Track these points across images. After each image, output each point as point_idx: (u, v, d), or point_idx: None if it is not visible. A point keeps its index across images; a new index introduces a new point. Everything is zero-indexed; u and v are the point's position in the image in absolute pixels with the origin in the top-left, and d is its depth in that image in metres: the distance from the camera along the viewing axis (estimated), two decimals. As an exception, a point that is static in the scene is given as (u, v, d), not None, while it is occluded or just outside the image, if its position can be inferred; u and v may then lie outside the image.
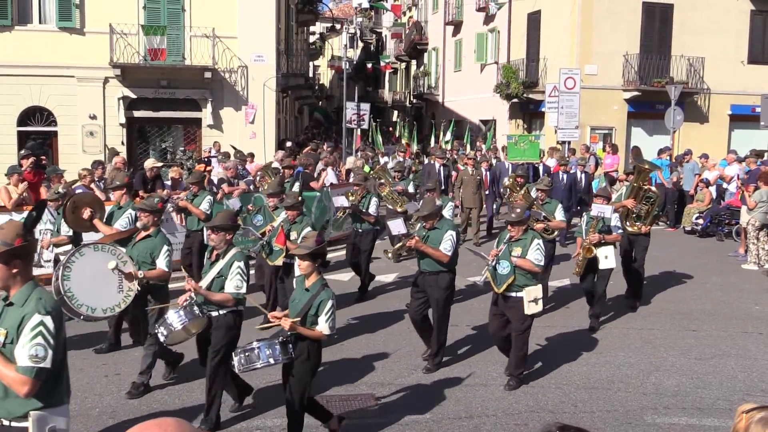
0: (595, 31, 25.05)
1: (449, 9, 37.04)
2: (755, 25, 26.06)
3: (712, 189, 18.81)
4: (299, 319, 6.19)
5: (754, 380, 8.37)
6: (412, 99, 46.99)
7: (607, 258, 9.93)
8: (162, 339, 6.84)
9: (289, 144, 24.00)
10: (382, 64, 50.80)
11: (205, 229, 10.86)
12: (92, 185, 13.41)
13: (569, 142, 21.43)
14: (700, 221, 18.03)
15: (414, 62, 47.08)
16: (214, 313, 6.88)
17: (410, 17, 48.29)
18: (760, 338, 9.98)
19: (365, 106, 24.70)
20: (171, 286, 8.28)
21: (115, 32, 21.03)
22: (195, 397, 7.64)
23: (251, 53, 22.44)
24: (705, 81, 25.64)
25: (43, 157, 15.15)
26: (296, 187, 13.10)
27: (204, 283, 6.88)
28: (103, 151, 21.41)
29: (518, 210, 8.04)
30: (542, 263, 7.91)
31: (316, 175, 17.03)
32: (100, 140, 21.87)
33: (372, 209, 11.74)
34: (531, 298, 7.77)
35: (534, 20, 27.98)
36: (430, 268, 8.47)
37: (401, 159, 20.04)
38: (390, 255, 9.53)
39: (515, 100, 28.67)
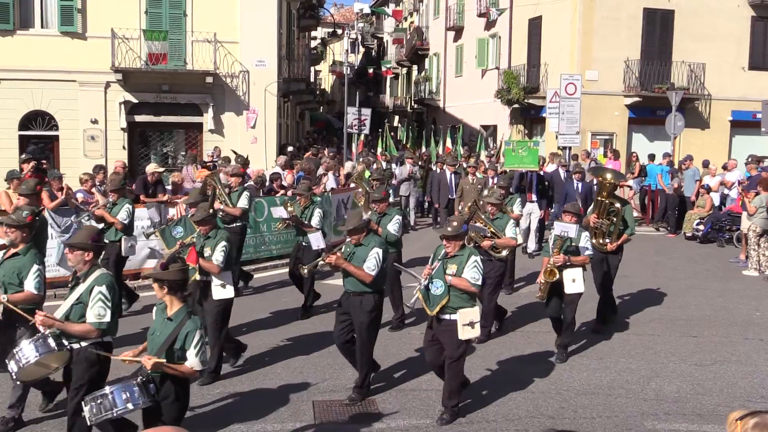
0: (596, 37, 25.08)
1: (450, 14, 37.10)
2: (756, 32, 26.09)
3: (715, 196, 18.77)
4: (163, 358, 5.40)
5: (754, 386, 8.37)
6: (413, 104, 47.03)
7: (575, 282, 8.89)
8: (13, 375, 5.97)
9: (290, 149, 24.00)
10: (384, 69, 50.84)
11: (123, 240, 10.69)
12: (93, 190, 13.42)
13: (570, 148, 21.42)
14: (701, 227, 18.03)
15: (415, 67, 47.14)
16: (76, 346, 5.96)
17: (411, 22, 48.37)
18: (761, 344, 9.97)
19: (366, 111, 24.70)
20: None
21: (116, 37, 21.06)
22: (195, 401, 7.61)
23: (253, 58, 22.47)
24: (706, 87, 25.65)
25: (44, 162, 15.15)
26: (244, 200, 12.04)
27: (61, 311, 6.01)
28: (105, 155, 21.43)
29: (454, 223, 7.27)
30: (480, 282, 7.13)
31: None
32: (102, 145, 21.88)
33: (315, 221, 11.03)
34: (466, 321, 7.00)
35: (535, 26, 28.02)
36: (353, 288, 7.69)
37: (382, 165, 19.61)
38: (305, 271, 8.62)
39: (516, 105, 28.69)
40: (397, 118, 51.40)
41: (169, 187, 14.68)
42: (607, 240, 10.30)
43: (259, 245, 14.76)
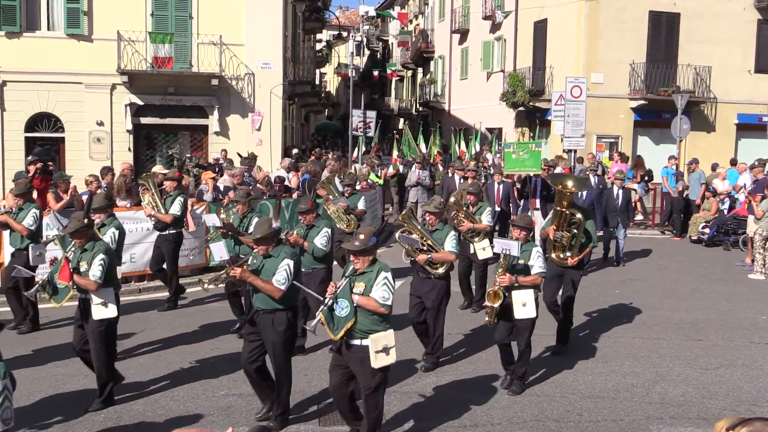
0: (602, 40, 25.07)
1: (455, 17, 37.11)
2: (762, 35, 26.04)
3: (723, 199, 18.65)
4: None
5: (760, 390, 8.34)
6: (418, 107, 47.04)
7: (525, 306, 7.85)
8: None
9: (295, 151, 24.04)
10: (389, 71, 50.90)
11: (31, 248, 9.42)
12: (99, 191, 13.44)
13: (575, 151, 21.40)
14: (707, 230, 17.98)
15: (420, 70, 47.15)
16: None
17: (416, 25, 48.39)
18: (767, 348, 9.94)
19: (371, 114, 24.72)
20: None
21: (122, 39, 21.12)
22: (200, 403, 7.64)
23: (258, 60, 22.51)
24: (712, 90, 25.61)
25: (50, 163, 15.18)
26: (176, 206, 11.43)
27: None
28: (110, 157, 21.48)
29: (362, 236, 6.42)
30: (389, 303, 6.33)
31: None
32: (107, 147, 21.94)
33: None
34: (379, 347, 6.28)
35: (540, 29, 28.01)
36: (263, 305, 6.94)
37: (353, 171, 19.15)
38: (206, 285, 7.59)
39: (521, 108, 28.68)
40: (402, 120, 51.43)
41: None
42: (568, 254, 9.38)
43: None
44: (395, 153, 24.81)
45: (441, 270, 8.73)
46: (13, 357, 8.54)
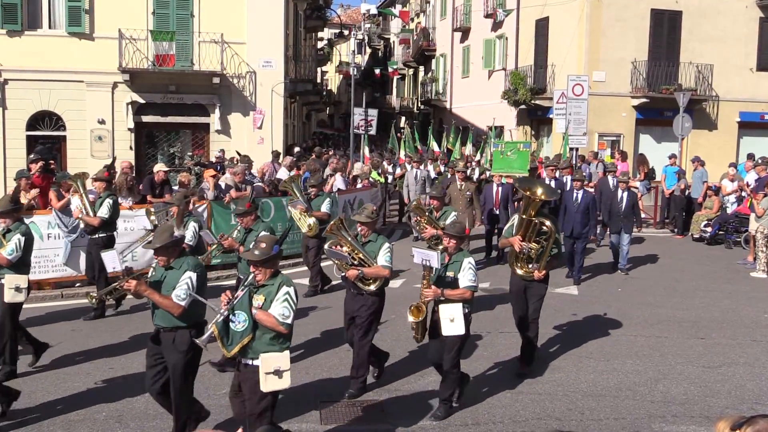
0: (604, 38, 25.03)
1: (457, 15, 37.08)
2: (764, 33, 25.99)
3: (730, 198, 18.49)
4: None
5: (762, 389, 8.32)
6: (419, 105, 47.04)
7: (453, 321, 7.14)
8: None
9: (297, 149, 24.03)
10: (390, 70, 50.92)
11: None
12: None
13: (577, 149, 21.38)
14: (709, 229, 17.96)
15: (422, 68, 47.14)
16: None
17: (418, 23, 48.39)
18: (769, 347, 9.93)
19: (373, 112, 24.69)
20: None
21: (124, 37, 21.12)
22: (202, 401, 7.63)
23: (259, 59, 22.51)
24: (714, 88, 25.58)
25: (52, 162, 15.19)
26: (104, 209, 10.84)
27: None
28: (112, 155, 21.49)
29: (262, 245, 5.85)
30: (290, 321, 5.77)
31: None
32: (109, 145, 21.95)
33: (189, 235, 9.33)
34: (270, 368, 5.72)
35: (542, 27, 27.98)
36: (163, 322, 6.34)
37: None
38: (94, 301, 7.06)
39: (523, 106, 28.64)
40: (403, 119, 51.44)
41: (176, 188, 14.70)
42: (534, 266, 8.52)
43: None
44: (402, 153, 24.73)
45: (373, 286, 7.89)
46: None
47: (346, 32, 44.82)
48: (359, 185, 18.58)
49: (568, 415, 7.46)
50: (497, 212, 14.86)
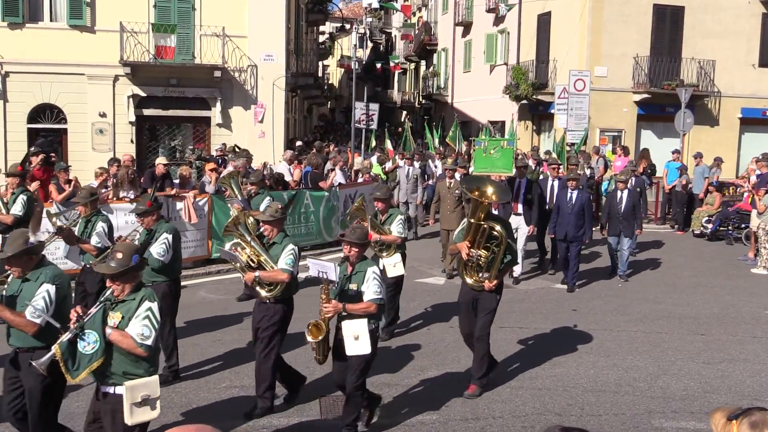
0: (606, 33, 24.98)
1: (459, 10, 37.01)
2: (766, 29, 25.93)
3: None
4: None
5: (762, 385, 8.33)
6: (421, 100, 46.97)
7: (358, 339, 6.49)
8: None
9: (299, 143, 24.02)
10: (392, 64, 50.79)
11: None
12: (109, 183, 13.43)
13: (574, 144, 21.38)
14: (710, 225, 17.96)
15: (423, 63, 47.06)
16: None
17: (420, 18, 48.29)
18: (769, 343, 9.93)
19: (374, 107, 24.67)
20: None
21: (125, 30, 21.10)
22: (201, 395, 7.65)
23: (261, 52, 22.48)
24: (715, 84, 25.54)
25: (53, 155, 15.18)
26: (18, 206, 10.09)
27: None
28: (113, 149, 21.49)
29: (119, 256, 5.16)
30: (151, 342, 5.03)
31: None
32: (110, 138, 21.95)
33: (94, 239, 8.39)
34: (137, 398, 4.99)
35: (544, 22, 27.93)
36: (19, 342, 5.61)
37: (261, 168, 18.36)
38: None
39: (524, 101, 28.61)
40: (404, 113, 51.39)
41: (177, 181, 14.70)
42: (485, 276, 7.74)
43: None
44: (389, 144, 24.71)
45: (269, 293, 7.09)
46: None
47: (347, 26, 44.79)
48: (360, 179, 18.57)
49: (567, 410, 7.47)
50: (495, 212, 14.14)
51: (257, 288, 7.15)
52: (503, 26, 31.46)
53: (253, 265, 7.10)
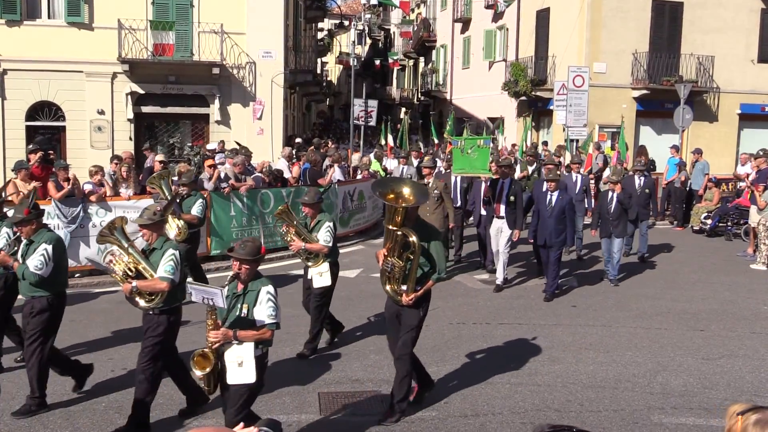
0: (604, 29, 24.96)
1: (458, 6, 36.98)
2: (766, 24, 25.92)
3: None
4: None
5: (762, 381, 8.33)
6: (420, 96, 46.95)
7: (242, 366, 5.85)
8: None
9: (298, 140, 24.00)
10: (390, 61, 50.80)
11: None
12: (105, 179, 13.41)
13: (577, 141, 21.35)
14: (709, 221, 17.96)
15: (422, 59, 47.03)
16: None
17: (418, 14, 48.27)
18: (769, 339, 9.93)
19: (373, 103, 24.65)
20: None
21: (123, 28, 21.07)
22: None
23: (259, 49, 22.46)
24: (714, 80, 25.52)
25: (51, 152, 15.16)
26: None
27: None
28: (111, 146, 21.47)
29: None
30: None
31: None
32: (108, 135, 21.93)
33: (1, 242, 7.72)
34: None
35: (543, 18, 27.90)
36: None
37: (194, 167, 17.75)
38: None
39: (523, 97, 28.60)
40: (403, 110, 51.37)
41: (175, 178, 14.68)
42: (404, 287, 6.92)
43: (267, 237, 14.76)
44: (389, 140, 24.61)
45: (149, 303, 6.57)
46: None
47: (346, 23, 44.67)
48: (359, 176, 18.56)
49: (567, 406, 7.46)
50: (484, 212, 13.15)
51: (137, 298, 6.54)
52: (502, 22, 31.43)
53: (131, 274, 6.56)
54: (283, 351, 8.99)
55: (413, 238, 6.68)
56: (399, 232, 6.73)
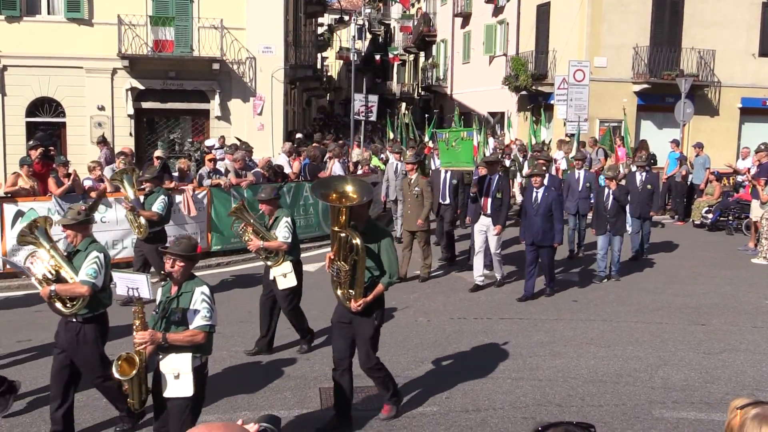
0: (605, 23, 24.90)
1: (458, 1, 36.91)
2: (767, 18, 25.84)
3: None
4: None
5: (763, 375, 8.32)
6: (420, 91, 46.90)
7: (178, 378, 5.44)
8: None
9: (299, 135, 23.98)
10: (391, 55, 50.69)
11: None
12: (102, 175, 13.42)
13: (578, 135, 21.32)
14: (710, 215, 17.94)
15: (422, 54, 46.96)
16: None
17: (419, 9, 48.16)
18: (770, 333, 9.92)
19: (373, 98, 24.62)
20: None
21: (123, 23, 21.04)
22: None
23: (259, 44, 22.43)
24: (715, 74, 25.47)
25: (52, 148, 15.16)
26: None
27: None
28: (112, 142, 21.45)
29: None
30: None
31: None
32: (108, 131, 21.91)
33: None
34: None
35: (543, 12, 27.84)
36: None
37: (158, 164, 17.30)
38: None
39: (524, 92, 28.56)
40: (404, 105, 51.33)
41: (176, 174, 14.67)
42: (351, 293, 6.53)
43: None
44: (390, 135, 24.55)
45: (70, 309, 6.18)
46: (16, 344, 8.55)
47: (346, 18, 44.63)
48: (360, 171, 18.53)
49: (568, 401, 7.46)
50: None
51: (56, 304, 6.17)
52: (502, 17, 31.37)
53: (51, 277, 6.16)
54: (283, 347, 9.01)
55: (356, 240, 6.25)
56: (343, 234, 6.29)
